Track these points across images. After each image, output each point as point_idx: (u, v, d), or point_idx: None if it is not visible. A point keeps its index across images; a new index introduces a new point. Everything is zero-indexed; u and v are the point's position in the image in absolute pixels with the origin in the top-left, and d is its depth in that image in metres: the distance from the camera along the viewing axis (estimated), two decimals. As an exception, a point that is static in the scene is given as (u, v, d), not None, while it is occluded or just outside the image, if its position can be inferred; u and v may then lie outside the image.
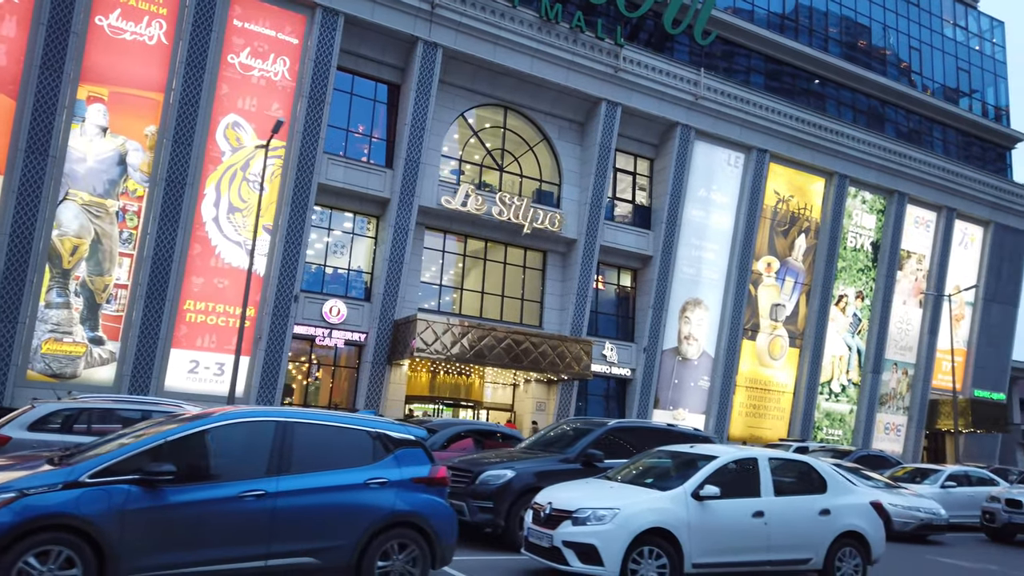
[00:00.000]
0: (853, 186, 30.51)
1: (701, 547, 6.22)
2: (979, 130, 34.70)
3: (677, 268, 26.99)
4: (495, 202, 23.59)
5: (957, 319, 33.47)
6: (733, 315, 27.74)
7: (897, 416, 32.06)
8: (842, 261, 30.43)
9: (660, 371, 26.61)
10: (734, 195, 28.12)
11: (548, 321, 25.24)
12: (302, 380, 22.17)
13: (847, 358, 30.80)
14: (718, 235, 27.86)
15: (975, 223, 33.76)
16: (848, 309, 30.70)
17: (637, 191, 27.44)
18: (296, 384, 22.08)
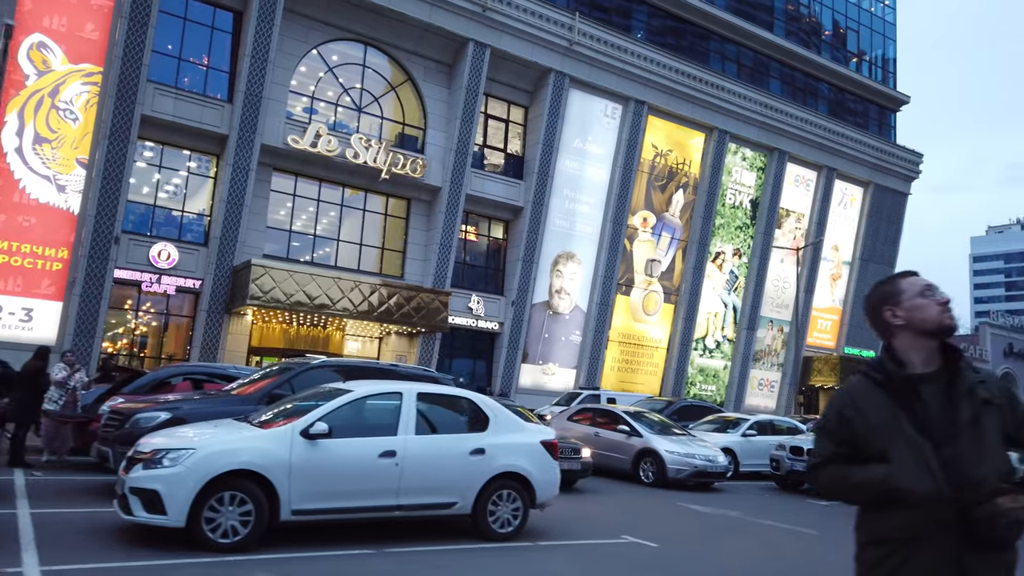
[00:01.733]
0: (733, 142, 30.35)
1: (306, 491, 5.49)
2: (865, 91, 35.00)
3: (549, 220, 26.35)
4: (349, 144, 22.30)
5: (834, 278, 34.13)
6: (607, 270, 27.39)
7: (771, 372, 32.65)
8: (720, 218, 30.39)
9: (530, 325, 26.12)
10: (611, 147, 27.53)
11: (411, 272, 24.31)
12: (129, 329, 20.68)
13: (723, 315, 31.01)
14: (593, 188, 27.30)
15: (855, 183, 34.24)
16: (725, 266, 30.80)
17: (510, 140, 26.52)
18: (122, 332, 20.60)
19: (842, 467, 2.13)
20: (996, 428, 2.01)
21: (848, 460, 2.12)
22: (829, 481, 2.16)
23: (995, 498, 1.88)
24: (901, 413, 2.03)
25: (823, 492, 2.20)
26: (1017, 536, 1.94)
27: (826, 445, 2.20)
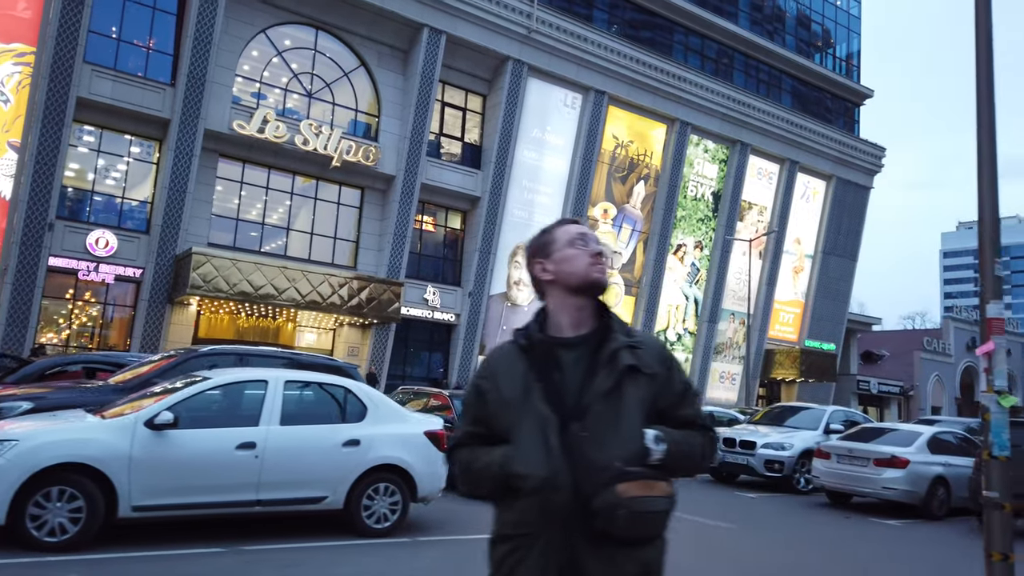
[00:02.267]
0: (695, 134, 30.20)
1: (149, 486, 5.14)
2: (829, 84, 35.01)
3: (508, 211, 26.03)
4: (299, 131, 21.79)
5: (796, 271, 34.18)
6: (567, 261, 27.07)
7: (733, 365, 32.65)
8: (682, 210, 30.26)
9: (487, 317, 25.81)
10: (570, 137, 27.24)
11: (364, 262, 23.88)
12: (69, 319, 20.07)
13: (684, 307, 30.92)
14: (553, 178, 27.01)
15: (818, 177, 34.28)
16: (686, 259, 30.69)
17: (468, 129, 26.13)
18: (63, 322, 19.98)
19: (473, 450, 1.79)
20: (639, 401, 1.69)
21: (485, 441, 1.77)
22: (460, 468, 1.81)
23: (616, 484, 1.57)
24: (536, 384, 1.71)
25: (458, 482, 1.84)
26: (649, 530, 1.63)
27: (463, 424, 1.88)
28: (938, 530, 9.20)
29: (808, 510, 10.34)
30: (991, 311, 4.36)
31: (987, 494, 4.11)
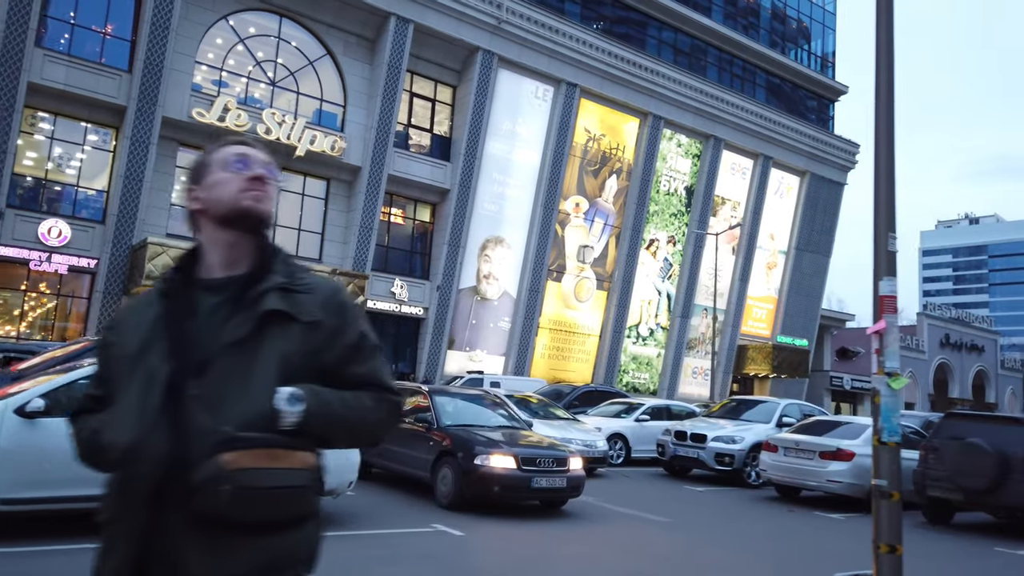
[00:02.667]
0: (668, 128, 30.06)
1: (18, 477, 4.85)
2: (804, 80, 35.01)
3: (477, 204, 25.76)
4: (261, 119, 21.38)
5: (770, 267, 34.18)
6: (537, 255, 26.91)
7: (705, 361, 32.57)
8: (654, 204, 30.12)
9: (456, 311, 25.54)
10: (541, 130, 27.00)
11: (329, 254, 23.52)
12: (23, 310, 19.57)
13: (656, 302, 30.80)
14: (523, 171, 26.76)
15: (792, 172, 34.28)
16: (659, 254, 30.56)
17: (437, 120, 25.81)
18: (17, 314, 19.48)
19: (87, 418, 1.49)
20: (282, 355, 1.41)
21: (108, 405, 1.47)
22: (74, 441, 1.50)
23: (221, 454, 1.28)
24: (164, 335, 1.43)
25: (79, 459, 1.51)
26: (270, 511, 1.31)
27: (89, 387, 1.58)
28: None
29: (754, 504, 10.19)
30: (883, 288, 4.16)
31: (876, 482, 3.91)
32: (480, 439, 8.16)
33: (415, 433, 8.65)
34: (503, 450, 7.90)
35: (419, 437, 8.60)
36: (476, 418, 9.09)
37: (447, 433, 8.39)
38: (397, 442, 8.70)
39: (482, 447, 7.94)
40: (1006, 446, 8.43)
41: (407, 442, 8.64)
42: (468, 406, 9.46)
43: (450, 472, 7.94)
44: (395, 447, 8.77)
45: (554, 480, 7.96)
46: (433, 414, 8.84)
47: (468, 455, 7.85)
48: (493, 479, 7.68)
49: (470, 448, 7.93)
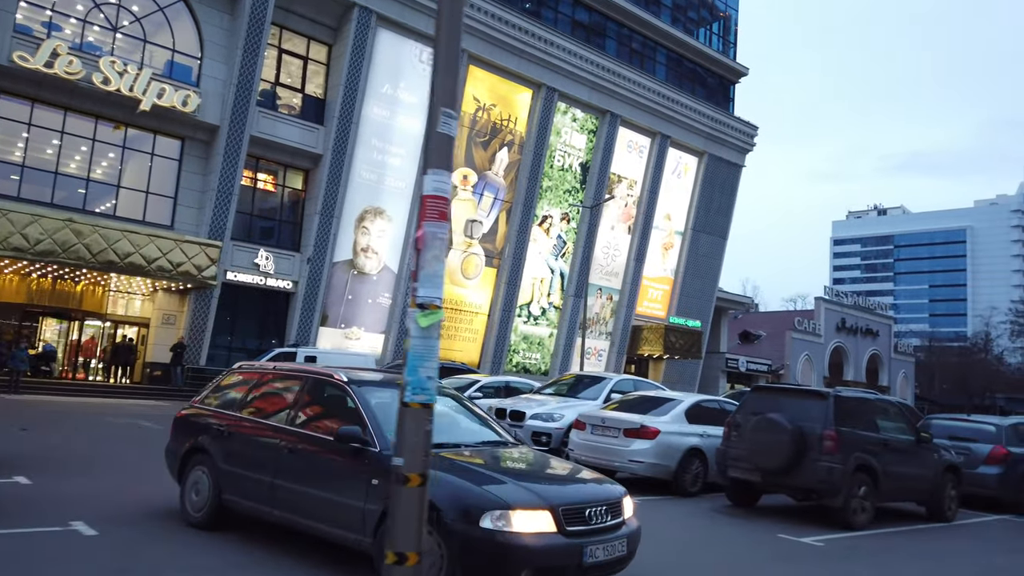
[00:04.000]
0: (563, 102, 29.15)
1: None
2: (705, 60, 34.69)
3: (354, 171, 24.22)
4: (98, 68, 19.24)
5: (666, 247, 33.89)
6: (421, 228, 25.56)
7: (600, 341, 32.09)
8: (548, 180, 29.23)
9: (329, 285, 24.02)
10: (425, 96, 25.50)
11: (183, 221, 21.62)
12: None
13: (549, 281, 30.01)
14: (406, 139, 25.34)
15: (690, 153, 33.99)
16: (552, 231, 29.73)
17: (310, 80, 24.07)
18: None
19: None
20: None
21: None
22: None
23: None
24: None
25: None
26: None
27: None
28: (679, 507, 8.30)
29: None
30: (429, 185, 3.16)
31: (395, 462, 2.78)
32: (478, 474, 4.64)
33: (329, 460, 5.00)
34: (530, 498, 4.37)
35: (338, 468, 4.92)
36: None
37: None
38: (287, 468, 5.20)
39: (493, 495, 4.34)
40: (806, 422, 7.74)
41: (310, 473, 5.07)
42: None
43: (435, 546, 4.26)
44: (286, 480, 5.18)
45: (613, 547, 4.56)
46: (367, 427, 4.90)
47: (465, 512, 4.26)
48: (521, 557, 4.17)
49: (469, 499, 4.32)
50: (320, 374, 5.64)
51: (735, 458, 8.15)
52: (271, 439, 5.35)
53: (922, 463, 8.59)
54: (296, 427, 5.30)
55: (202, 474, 5.74)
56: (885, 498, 8.17)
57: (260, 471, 5.29)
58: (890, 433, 8.40)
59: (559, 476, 5.12)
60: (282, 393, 5.76)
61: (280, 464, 5.19)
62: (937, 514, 8.80)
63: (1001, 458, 10.00)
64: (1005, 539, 8.55)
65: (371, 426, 4.91)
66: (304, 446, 5.12)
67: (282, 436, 5.28)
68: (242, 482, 5.42)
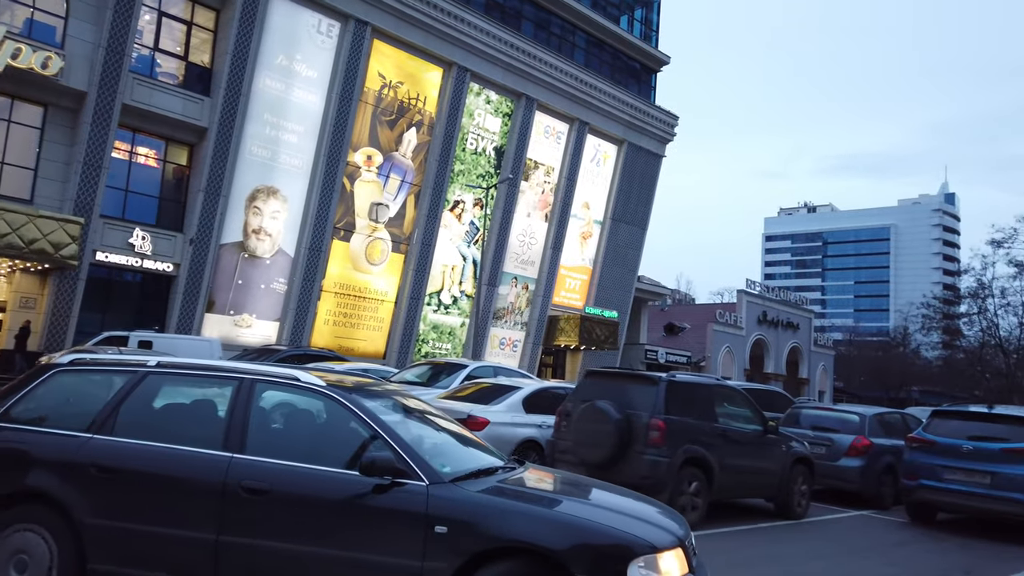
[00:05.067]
0: (476, 82, 28.11)
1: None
2: (626, 47, 34.13)
3: (244, 148, 22.67)
4: (-63, 21, 17.24)
5: (584, 236, 33.29)
6: (320, 210, 24.24)
7: (515, 331, 31.28)
8: (460, 164, 28.17)
9: (216, 269, 22.44)
10: (326, 70, 24.19)
11: (45, 195, 19.73)
12: None
13: (461, 268, 28.99)
14: (304, 115, 23.89)
15: (609, 141, 33.43)
16: (465, 216, 28.69)
17: (194, 47, 22.38)
18: None
19: None
20: None
21: None
22: None
23: None
24: None
25: None
26: None
27: None
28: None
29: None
30: None
31: None
32: (581, 505, 3.95)
33: (341, 505, 3.71)
34: (665, 536, 3.69)
35: (363, 514, 3.69)
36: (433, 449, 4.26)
37: (477, 506, 3.66)
38: (248, 520, 3.81)
39: (633, 534, 3.57)
40: (636, 410, 6.94)
41: (303, 527, 3.73)
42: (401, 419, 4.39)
43: None
44: (250, 537, 3.80)
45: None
46: (399, 453, 3.80)
47: (604, 560, 3.42)
48: None
49: (606, 542, 3.49)
50: (280, 378, 4.20)
51: (563, 450, 7.32)
52: (205, 477, 3.81)
53: (768, 456, 7.92)
54: (253, 456, 3.81)
55: (37, 540, 3.90)
56: (723, 494, 7.47)
57: (184, 526, 3.77)
58: (732, 423, 7.69)
59: (642, 504, 4.20)
60: (199, 405, 4.31)
61: (230, 514, 3.70)
62: (786, 511, 8.17)
63: (863, 450, 9.48)
64: (849, 538, 7.92)
65: (405, 452, 3.78)
66: (282, 487, 3.71)
67: (231, 472, 3.76)
68: (139, 545, 3.81)
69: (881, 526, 8.57)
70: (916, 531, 8.34)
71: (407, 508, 3.60)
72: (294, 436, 4.21)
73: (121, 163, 21.15)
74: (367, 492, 3.63)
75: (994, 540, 8.14)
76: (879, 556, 6.80)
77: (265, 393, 4.22)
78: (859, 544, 7.42)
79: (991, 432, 8.20)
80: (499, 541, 3.47)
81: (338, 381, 4.33)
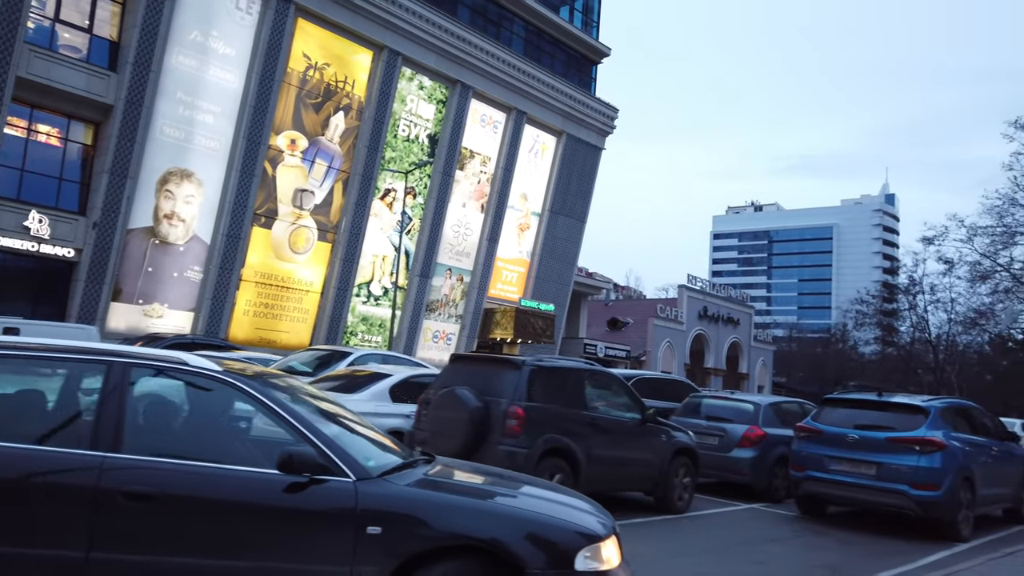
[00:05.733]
0: (408, 67, 27.30)
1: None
2: (566, 37, 33.71)
3: (155, 127, 21.47)
4: None
5: (522, 228, 32.80)
6: (239, 195, 23.16)
7: (449, 324, 30.62)
8: (391, 151, 27.34)
9: (123, 255, 21.21)
10: (246, 48, 23.10)
11: (-72, 172, 18.29)
12: None
13: (393, 259, 28.17)
14: (221, 95, 22.77)
15: (548, 132, 32.98)
16: (396, 205, 27.88)
17: (101, 19, 21.06)
18: None
19: None
20: None
21: None
22: None
23: None
24: None
25: None
26: None
27: None
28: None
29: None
30: None
31: None
32: (522, 496, 3.70)
33: (250, 507, 3.23)
34: (603, 523, 3.62)
35: (277, 516, 3.22)
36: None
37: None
38: (127, 531, 3.16)
39: (577, 524, 3.47)
40: (497, 396, 6.40)
41: (206, 533, 3.18)
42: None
43: None
44: (129, 552, 3.15)
45: None
46: (321, 448, 3.35)
47: (556, 553, 3.24)
48: None
49: (555, 534, 3.32)
50: (162, 361, 3.56)
51: (420, 442, 6.72)
52: (69, 482, 3.10)
53: (646, 446, 7.47)
54: (132, 455, 3.18)
55: None
56: (594, 487, 6.96)
57: (42, 544, 3.04)
58: (604, 411, 7.20)
59: (568, 495, 4.03)
60: (59, 395, 3.53)
61: (106, 526, 3.05)
62: (666, 505, 7.73)
63: (756, 440, 9.14)
64: (725, 534, 7.38)
65: (326, 445, 3.36)
66: (174, 490, 3.12)
67: (105, 475, 3.09)
68: None
69: (766, 520, 8.21)
70: (801, 525, 8.00)
71: (333, 508, 3.22)
72: (183, 430, 3.64)
73: (17, 140, 19.77)
74: (283, 492, 3.19)
75: (881, 535, 7.86)
76: (748, 553, 6.39)
77: (144, 380, 3.56)
78: (732, 540, 7.00)
79: (879, 421, 7.91)
80: (441, 539, 3.21)
81: (241, 369, 3.76)
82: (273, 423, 3.49)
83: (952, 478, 7.60)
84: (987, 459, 8.63)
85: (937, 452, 7.60)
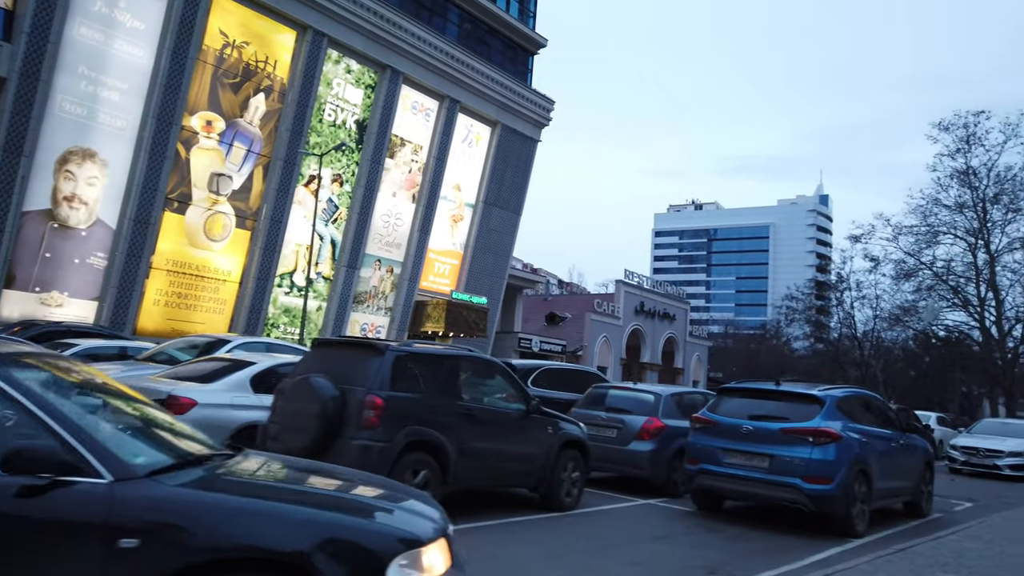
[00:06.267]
0: (334, 49, 26.33)
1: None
2: (502, 25, 33.18)
3: (54, 103, 20.04)
4: None
5: (455, 220, 32.17)
6: (149, 179, 21.86)
7: (378, 316, 29.77)
8: (316, 136, 26.32)
9: (17, 239, 19.74)
10: (156, 23, 21.80)
11: None
12: None
13: (318, 249, 27.16)
14: (128, 71, 21.42)
15: (483, 121, 32.41)
16: (322, 193, 26.86)
17: (-9, -17, 19.51)
18: None
19: None
20: None
21: None
22: None
23: None
24: None
25: None
26: None
27: None
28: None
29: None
30: None
31: None
32: (326, 496, 3.21)
33: (34, 524, 2.61)
34: (429, 525, 3.14)
35: (52, 531, 2.60)
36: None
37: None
38: None
39: (393, 527, 3.02)
40: (355, 385, 5.81)
41: None
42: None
43: None
44: None
45: None
46: (67, 441, 2.73)
47: (364, 561, 2.80)
48: None
49: (364, 539, 2.87)
50: None
51: (272, 436, 6.07)
52: None
53: (529, 439, 6.98)
54: None
55: None
56: (467, 484, 6.46)
57: None
58: (483, 401, 6.69)
59: (395, 491, 3.51)
60: None
61: None
62: (552, 501, 7.27)
63: (655, 432, 8.78)
64: (609, 532, 6.91)
65: (77, 438, 2.76)
66: None
67: None
68: None
69: (660, 516, 7.84)
70: (693, 522, 7.65)
71: (77, 517, 2.65)
72: None
73: None
74: (13, 497, 2.60)
75: (776, 532, 7.57)
76: (628, 554, 5.97)
77: None
78: (615, 539, 6.56)
79: (774, 411, 7.63)
80: (220, 551, 2.69)
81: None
82: (5, 409, 2.89)
83: (846, 471, 7.36)
84: (886, 451, 8.46)
85: (831, 444, 7.35)
